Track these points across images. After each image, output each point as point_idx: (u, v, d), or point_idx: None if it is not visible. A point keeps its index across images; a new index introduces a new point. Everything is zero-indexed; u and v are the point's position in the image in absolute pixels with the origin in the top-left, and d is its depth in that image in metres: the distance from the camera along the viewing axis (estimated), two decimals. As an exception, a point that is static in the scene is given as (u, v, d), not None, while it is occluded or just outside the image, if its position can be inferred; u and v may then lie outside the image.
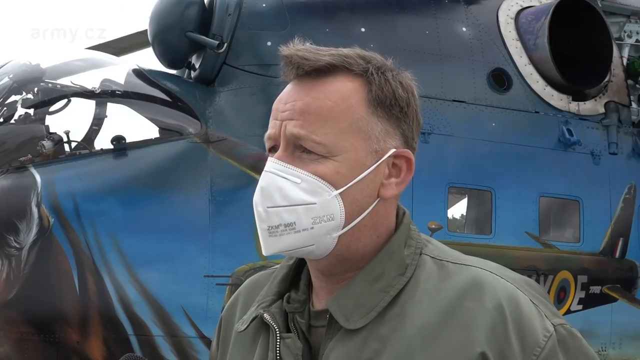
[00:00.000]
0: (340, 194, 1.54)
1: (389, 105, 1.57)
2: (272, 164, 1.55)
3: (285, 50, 1.57)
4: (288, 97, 1.58)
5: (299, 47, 1.57)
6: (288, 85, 1.61)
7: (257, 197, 1.56)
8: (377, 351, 1.50)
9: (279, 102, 1.60)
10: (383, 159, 1.57)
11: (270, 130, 1.59)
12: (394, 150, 1.58)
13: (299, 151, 1.55)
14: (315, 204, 1.53)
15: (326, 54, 1.57)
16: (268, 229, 1.54)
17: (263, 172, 1.56)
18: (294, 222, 1.53)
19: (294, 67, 1.56)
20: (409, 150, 1.61)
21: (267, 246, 1.56)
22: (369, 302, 1.54)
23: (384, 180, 1.58)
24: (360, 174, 1.55)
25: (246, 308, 1.72)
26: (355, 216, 1.55)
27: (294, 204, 1.53)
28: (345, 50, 1.59)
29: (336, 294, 1.57)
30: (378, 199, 1.58)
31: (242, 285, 1.84)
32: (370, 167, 1.56)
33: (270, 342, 1.60)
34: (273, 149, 1.60)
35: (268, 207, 1.54)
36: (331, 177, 1.53)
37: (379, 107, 1.57)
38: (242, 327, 1.67)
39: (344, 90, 1.56)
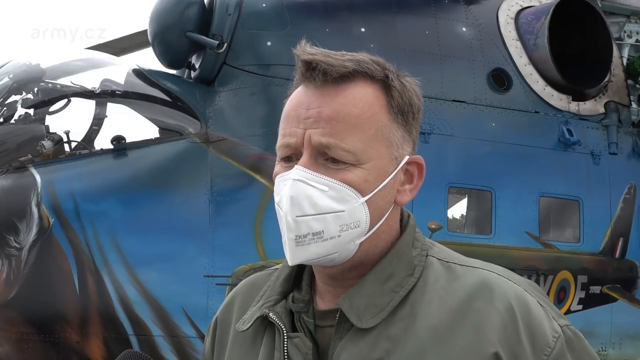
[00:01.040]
0: (366, 201, 1.53)
1: (407, 112, 1.58)
2: (299, 172, 1.52)
3: (304, 54, 1.54)
4: (310, 103, 1.54)
5: (313, 51, 1.55)
6: (303, 91, 1.57)
7: (286, 207, 1.52)
8: (388, 350, 1.51)
9: (299, 109, 1.55)
10: (400, 165, 1.58)
11: (290, 139, 1.55)
12: (407, 157, 1.60)
13: (323, 159, 1.53)
14: (343, 211, 1.52)
15: (346, 59, 1.55)
16: (295, 239, 1.52)
17: (289, 181, 1.52)
18: (322, 231, 1.52)
19: (319, 73, 1.52)
20: (420, 157, 1.62)
21: (294, 255, 1.54)
22: (380, 301, 1.54)
23: (400, 186, 1.60)
24: (384, 181, 1.56)
25: (244, 308, 1.71)
26: (376, 222, 1.56)
27: (323, 212, 1.51)
28: (358, 55, 1.57)
29: (348, 293, 1.57)
30: (393, 205, 1.60)
31: (238, 286, 1.83)
32: (392, 173, 1.57)
33: (277, 341, 1.60)
34: (288, 158, 1.56)
35: (297, 217, 1.51)
36: (359, 184, 1.53)
37: (399, 113, 1.57)
38: (244, 326, 1.66)
39: (367, 97, 1.54)
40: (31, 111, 6.40)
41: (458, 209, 9.06)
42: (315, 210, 1.51)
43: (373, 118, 1.54)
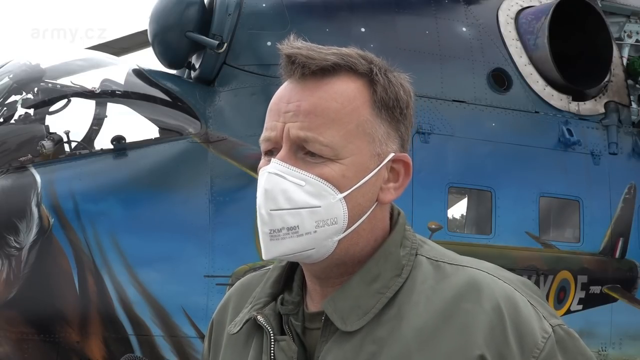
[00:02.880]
0: (344, 197, 1.50)
1: (392, 107, 1.55)
2: (275, 165, 1.50)
3: (287, 48, 1.52)
4: (290, 97, 1.52)
5: (299, 45, 1.53)
6: (286, 85, 1.55)
7: (260, 200, 1.50)
8: (373, 353, 1.48)
9: (280, 102, 1.54)
10: (384, 162, 1.55)
11: (270, 133, 1.54)
12: (392, 154, 1.56)
13: (302, 153, 1.51)
14: (319, 207, 1.49)
15: (329, 52, 1.52)
16: (270, 232, 1.50)
17: (265, 174, 1.51)
18: (297, 226, 1.49)
19: (298, 67, 1.50)
20: (407, 155, 1.59)
21: (268, 250, 1.52)
22: (366, 303, 1.51)
23: (383, 184, 1.56)
24: (364, 177, 1.52)
25: (238, 310, 1.69)
26: (356, 220, 1.53)
27: (298, 207, 1.49)
28: (345, 49, 1.55)
29: (332, 295, 1.54)
30: (376, 203, 1.56)
31: (233, 287, 1.81)
32: (373, 170, 1.53)
33: (264, 344, 1.58)
34: (270, 152, 1.55)
35: (271, 210, 1.49)
36: (337, 180, 1.50)
37: (383, 109, 1.54)
38: (234, 329, 1.65)
39: (349, 91, 1.52)
40: (31, 111, 6.40)
41: (458, 209, 9.05)
42: (290, 204, 1.49)
43: (354, 113, 1.51)
